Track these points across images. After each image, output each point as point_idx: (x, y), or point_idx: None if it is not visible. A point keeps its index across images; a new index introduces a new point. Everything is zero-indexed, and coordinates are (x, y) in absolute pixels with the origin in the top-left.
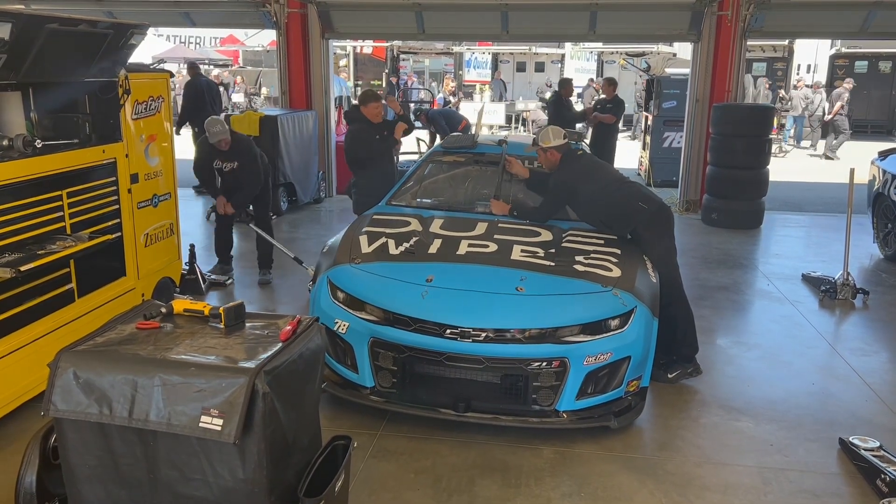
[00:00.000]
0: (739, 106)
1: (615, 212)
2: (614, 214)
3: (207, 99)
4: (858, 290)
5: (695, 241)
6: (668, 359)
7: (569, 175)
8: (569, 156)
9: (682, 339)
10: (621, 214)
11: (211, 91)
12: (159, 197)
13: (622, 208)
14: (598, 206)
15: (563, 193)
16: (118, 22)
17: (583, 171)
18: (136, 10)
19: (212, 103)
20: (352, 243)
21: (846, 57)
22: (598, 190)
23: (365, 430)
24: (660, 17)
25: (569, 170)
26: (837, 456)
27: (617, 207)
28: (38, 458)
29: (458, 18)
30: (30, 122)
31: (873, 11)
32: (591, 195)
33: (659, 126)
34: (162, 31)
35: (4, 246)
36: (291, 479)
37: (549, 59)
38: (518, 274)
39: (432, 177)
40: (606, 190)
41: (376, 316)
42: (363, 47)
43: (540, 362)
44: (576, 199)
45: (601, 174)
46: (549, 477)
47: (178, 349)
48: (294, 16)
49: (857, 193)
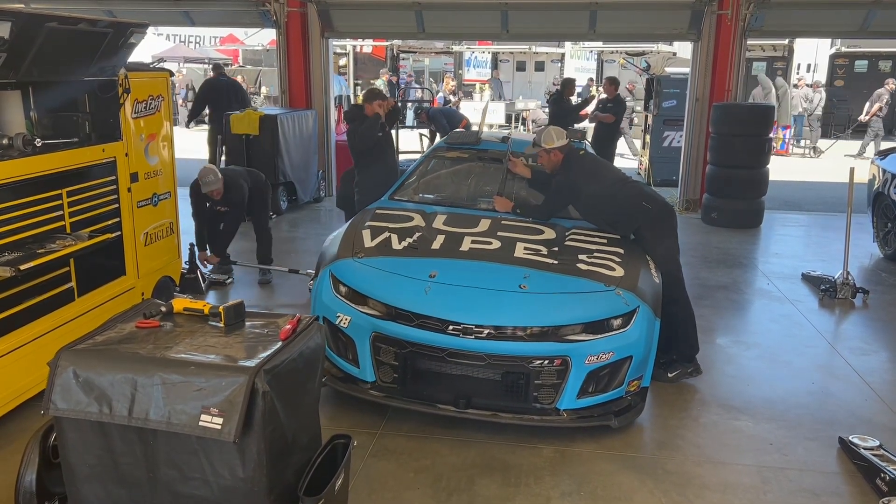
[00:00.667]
0: (739, 105)
1: (619, 211)
2: (618, 214)
3: (230, 98)
4: (858, 290)
5: (694, 241)
6: (669, 358)
7: (572, 175)
8: (571, 156)
9: (683, 338)
10: (625, 214)
11: (233, 90)
12: (159, 196)
13: (625, 208)
14: (601, 206)
15: (567, 193)
16: (118, 21)
17: (586, 171)
18: (135, 9)
19: (236, 101)
20: (355, 237)
21: (846, 56)
22: (600, 189)
23: (365, 428)
24: (660, 17)
25: (572, 170)
26: (837, 455)
27: (620, 207)
28: (38, 457)
29: (458, 17)
30: (29, 121)
31: (873, 11)
32: (594, 195)
33: (659, 125)
34: (162, 30)
35: (4, 245)
36: (291, 478)
37: (549, 59)
38: (521, 271)
39: (435, 172)
40: (610, 190)
41: (378, 311)
42: (363, 46)
43: (542, 360)
44: (579, 198)
45: (604, 174)
46: (549, 476)
47: (177, 348)
48: (294, 15)
49: (857, 193)
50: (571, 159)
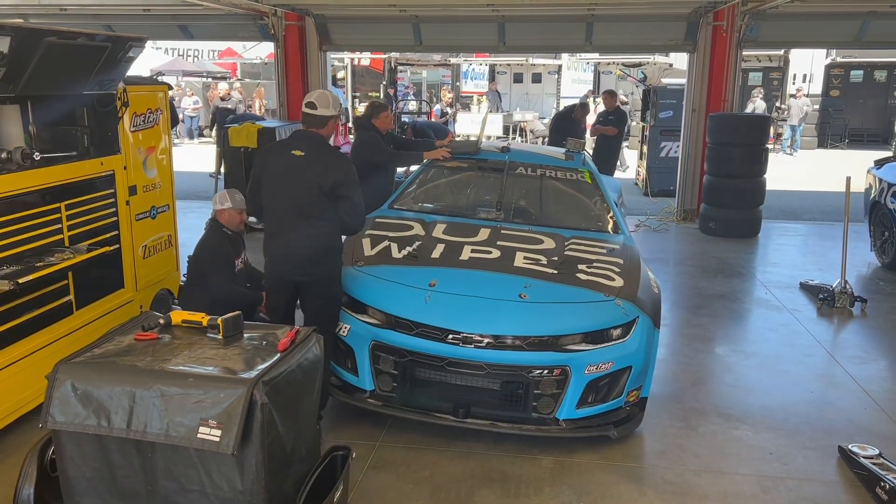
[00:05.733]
0: (735, 115)
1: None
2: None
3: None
4: (856, 298)
5: (692, 250)
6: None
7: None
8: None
9: None
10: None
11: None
12: (157, 209)
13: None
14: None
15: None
16: (116, 35)
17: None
18: (134, 24)
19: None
20: (354, 246)
21: (842, 66)
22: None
23: (363, 440)
24: (656, 28)
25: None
26: (837, 464)
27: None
28: (36, 471)
29: (456, 30)
30: (28, 135)
31: (867, 21)
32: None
33: (656, 136)
34: (160, 44)
35: (3, 258)
36: (290, 489)
37: (546, 70)
38: (522, 281)
39: (435, 182)
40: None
41: (378, 319)
42: (361, 59)
43: (541, 370)
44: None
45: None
46: (549, 487)
47: (176, 360)
48: (292, 28)
49: (854, 202)
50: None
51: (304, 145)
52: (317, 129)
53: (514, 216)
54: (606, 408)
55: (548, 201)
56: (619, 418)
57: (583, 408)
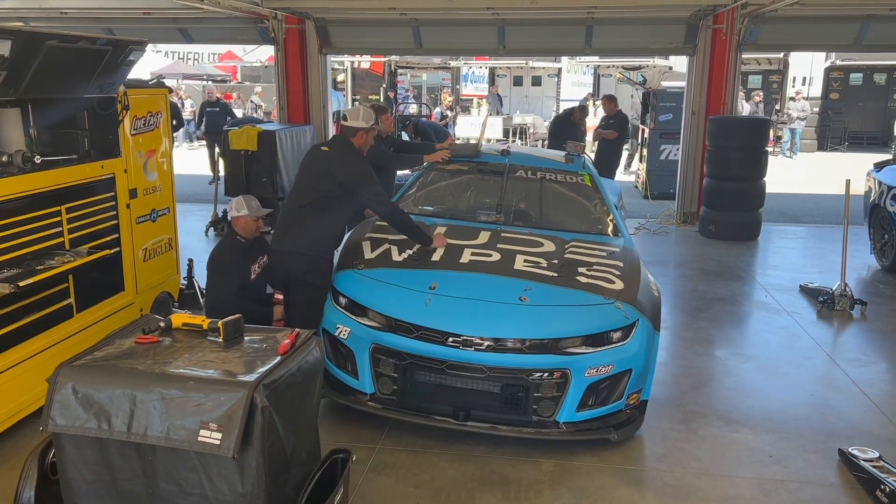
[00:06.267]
0: (735, 118)
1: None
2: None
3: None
4: (856, 301)
5: (692, 253)
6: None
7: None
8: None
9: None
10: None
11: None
12: (158, 212)
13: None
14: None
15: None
16: (117, 38)
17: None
18: (134, 27)
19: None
20: (355, 249)
21: (841, 69)
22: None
23: (364, 443)
24: (655, 31)
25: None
26: (837, 467)
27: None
28: (37, 474)
29: (455, 33)
30: (29, 138)
31: (867, 24)
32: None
33: (655, 139)
34: (160, 47)
35: (4, 261)
36: (290, 493)
37: (546, 73)
38: (522, 284)
39: (435, 185)
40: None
41: (378, 322)
42: (361, 62)
43: (542, 373)
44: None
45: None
46: (549, 490)
47: (176, 363)
48: (292, 31)
49: (854, 205)
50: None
51: (332, 143)
52: (349, 137)
53: (515, 219)
54: (606, 411)
55: (548, 204)
56: (620, 421)
57: (583, 411)
